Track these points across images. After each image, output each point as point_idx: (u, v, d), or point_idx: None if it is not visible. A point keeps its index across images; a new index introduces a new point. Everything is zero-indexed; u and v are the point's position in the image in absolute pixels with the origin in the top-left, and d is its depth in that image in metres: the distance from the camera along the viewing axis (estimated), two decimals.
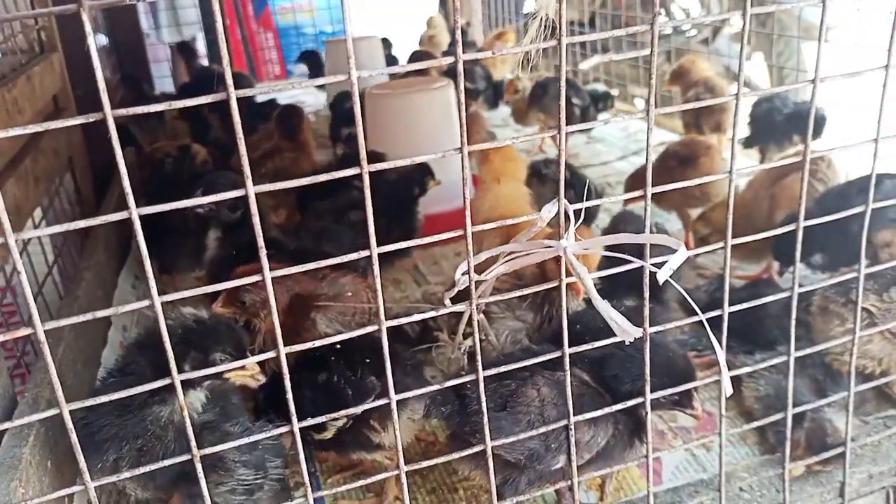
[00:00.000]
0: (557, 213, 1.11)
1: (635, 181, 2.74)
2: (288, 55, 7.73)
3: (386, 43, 5.10)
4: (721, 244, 1.24)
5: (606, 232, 2.08)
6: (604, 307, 1.06)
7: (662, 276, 1.06)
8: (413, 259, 2.69)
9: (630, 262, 1.14)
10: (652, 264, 1.13)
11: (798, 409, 1.40)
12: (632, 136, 4.09)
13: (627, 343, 1.13)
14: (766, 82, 4.99)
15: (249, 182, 0.95)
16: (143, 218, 0.92)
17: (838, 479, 1.53)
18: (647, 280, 1.15)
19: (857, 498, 1.57)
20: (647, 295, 1.17)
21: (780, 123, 2.97)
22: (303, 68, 5.93)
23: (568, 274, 1.14)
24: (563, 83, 1.03)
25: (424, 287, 2.57)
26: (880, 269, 1.39)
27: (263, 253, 0.99)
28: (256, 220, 0.96)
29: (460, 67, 0.98)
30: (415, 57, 4.62)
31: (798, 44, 4.49)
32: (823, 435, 1.56)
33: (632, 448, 1.39)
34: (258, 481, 1.37)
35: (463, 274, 1.12)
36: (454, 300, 1.15)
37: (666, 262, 1.11)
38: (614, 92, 5.58)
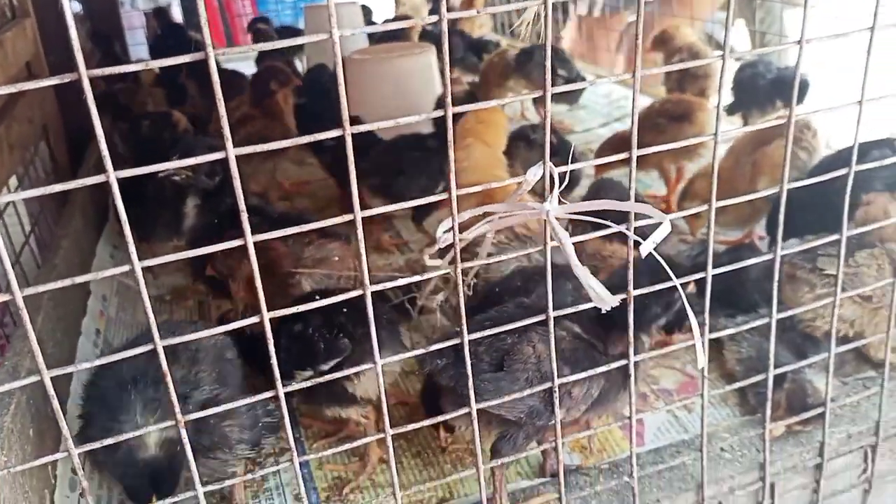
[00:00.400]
0: (543, 176, 1.10)
1: (609, 147, 2.73)
2: None
3: (365, 10, 5.03)
4: (705, 206, 1.24)
5: (586, 199, 2.07)
6: (583, 274, 1.06)
7: (645, 248, 1.06)
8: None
9: (609, 227, 1.13)
10: (634, 231, 1.13)
11: (779, 371, 1.41)
12: (614, 102, 4.07)
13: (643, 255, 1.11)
14: (748, 49, 4.97)
15: (230, 144, 0.93)
16: (120, 187, 0.91)
17: (818, 439, 1.55)
18: (630, 246, 1.15)
19: (835, 457, 1.60)
20: (630, 260, 1.17)
21: (763, 89, 2.97)
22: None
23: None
24: (548, 42, 1.02)
25: (407, 255, 2.57)
26: (848, 235, 1.39)
27: (244, 216, 0.97)
28: (237, 182, 0.95)
29: (444, 26, 0.97)
30: (395, 21, 4.57)
31: (780, 11, 4.48)
32: (803, 395, 1.58)
33: (625, 391, 1.39)
34: (251, 454, 1.38)
35: (444, 232, 1.11)
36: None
37: (649, 229, 1.11)
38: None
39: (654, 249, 1.11)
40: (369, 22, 5.08)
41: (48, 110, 2.69)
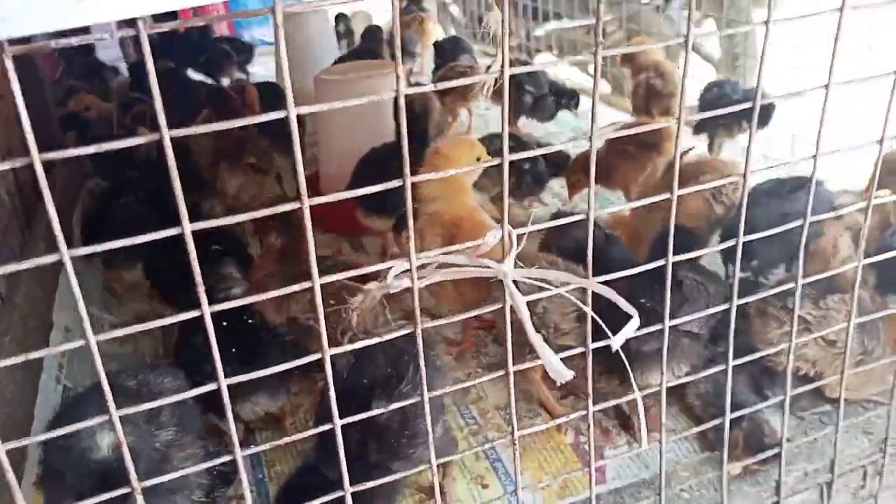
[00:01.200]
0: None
1: (579, 166, 2.76)
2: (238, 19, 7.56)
3: (342, 17, 5.00)
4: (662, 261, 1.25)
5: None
6: (538, 343, 1.07)
7: (616, 343, 1.08)
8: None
9: (575, 302, 1.15)
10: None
11: (736, 414, 1.44)
12: (584, 115, 4.07)
13: None
14: (717, 51, 5.02)
15: (186, 220, 0.94)
16: (87, 215, 0.92)
17: (774, 478, 1.58)
18: (590, 311, 1.16)
19: (792, 495, 1.63)
20: (590, 316, 1.19)
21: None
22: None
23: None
24: (505, 48, 0.99)
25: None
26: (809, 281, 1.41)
27: (202, 290, 0.98)
28: (193, 256, 0.95)
29: (401, 101, 0.98)
30: (368, 32, 4.54)
31: (748, 10, 4.53)
32: (760, 435, 1.61)
33: None
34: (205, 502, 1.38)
35: (396, 277, 1.12)
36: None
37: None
38: (566, 59, 5.56)
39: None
40: (347, 29, 5.04)
41: (10, 131, 2.66)
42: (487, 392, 1.93)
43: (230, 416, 1.06)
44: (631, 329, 1.08)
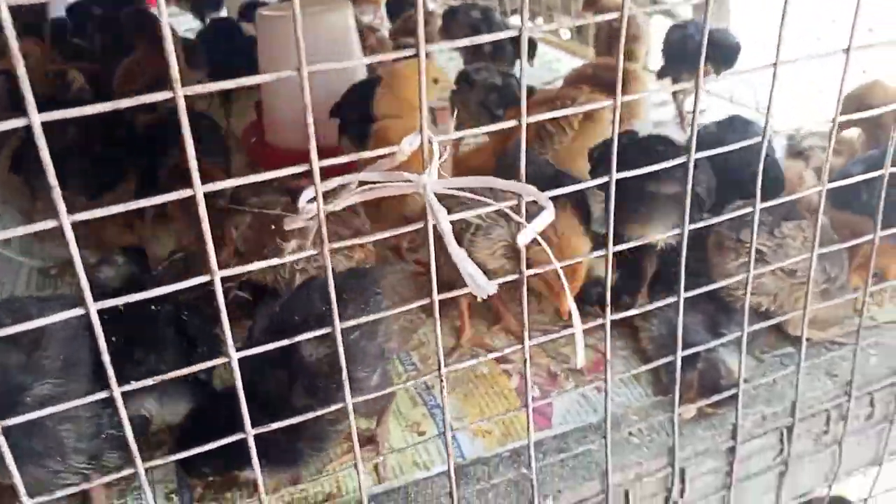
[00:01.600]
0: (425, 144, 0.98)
1: (535, 106, 2.64)
2: None
3: None
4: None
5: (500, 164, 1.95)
6: (460, 257, 0.95)
7: (524, 238, 0.97)
8: None
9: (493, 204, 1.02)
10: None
11: (688, 352, 1.32)
12: (546, 64, 3.94)
13: None
14: (687, 10, 4.90)
15: (33, 108, 0.80)
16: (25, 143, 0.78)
17: (731, 422, 1.48)
18: (522, 238, 1.03)
19: (750, 439, 1.53)
20: (523, 245, 1.06)
21: (694, 52, 2.87)
22: None
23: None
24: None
25: None
26: (770, 205, 1.29)
27: (58, 194, 0.84)
28: (45, 155, 0.81)
29: None
30: None
31: None
32: (716, 376, 1.50)
33: None
34: (88, 468, 1.22)
35: (308, 202, 1.00)
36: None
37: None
38: (539, 20, 5.41)
39: None
40: None
41: None
42: (430, 338, 1.80)
43: (102, 344, 0.92)
44: (545, 219, 0.97)
